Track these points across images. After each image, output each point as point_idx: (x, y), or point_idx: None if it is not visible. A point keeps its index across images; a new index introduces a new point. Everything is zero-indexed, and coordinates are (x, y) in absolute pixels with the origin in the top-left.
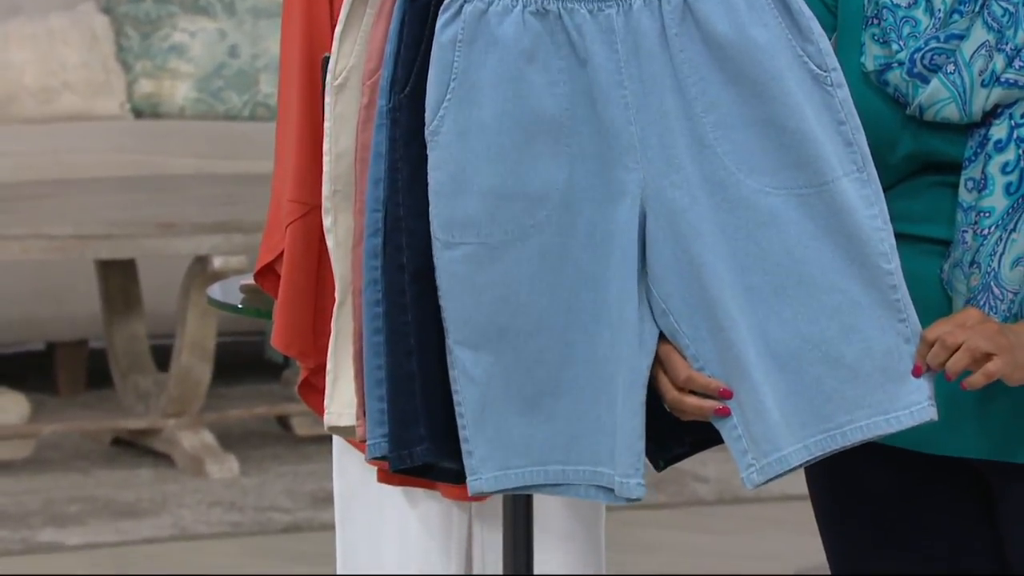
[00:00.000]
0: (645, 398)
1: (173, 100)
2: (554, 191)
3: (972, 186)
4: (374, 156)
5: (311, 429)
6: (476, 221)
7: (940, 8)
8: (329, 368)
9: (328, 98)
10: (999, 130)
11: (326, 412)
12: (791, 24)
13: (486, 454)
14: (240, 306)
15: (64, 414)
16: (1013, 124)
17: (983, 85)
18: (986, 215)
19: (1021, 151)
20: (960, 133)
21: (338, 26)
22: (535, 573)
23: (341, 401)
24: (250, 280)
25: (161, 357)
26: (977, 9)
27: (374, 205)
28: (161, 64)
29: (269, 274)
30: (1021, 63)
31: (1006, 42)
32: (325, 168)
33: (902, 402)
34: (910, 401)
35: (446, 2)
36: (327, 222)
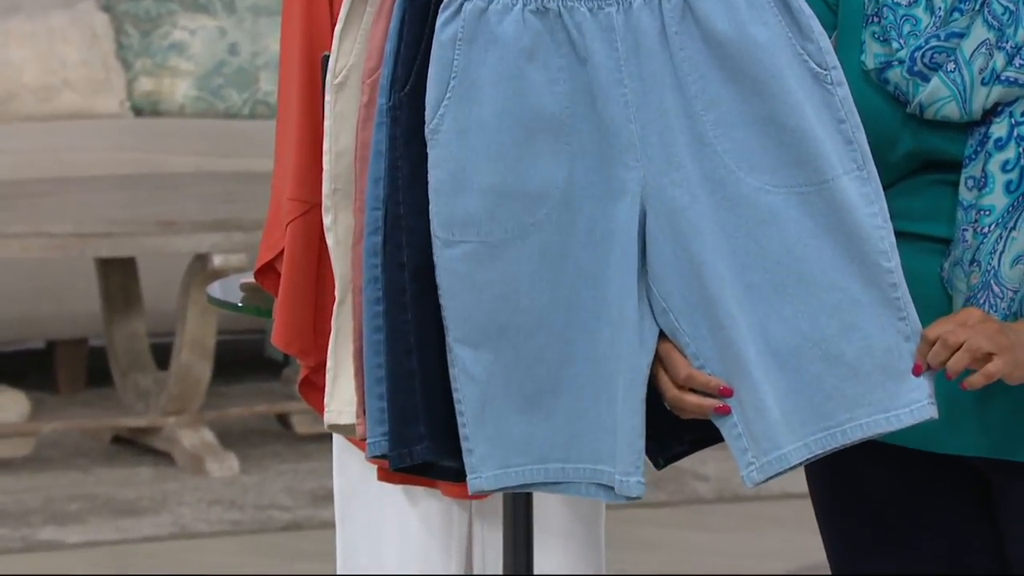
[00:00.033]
0: (645, 396)
1: (173, 98)
2: (554, 189)
3: (972, 184)
4: (374, 154)
5: (311, 427)
6: (476, 219)
7: (940, 6)
8: (329, 366)
9: (328, 96)
10: (999, 128)
11: (326, 410)
12: (791, 22)
13: (486, 452)
14: (240, 304)
15: (64, 412)
16: (1013, 122)
17: (983, 83)
18: (986, 213)
19: (1021, 149)
20: (960, 131)
21: (338, 24)
22: (535, 571)
23: (341, 399)
24: (250, 278)
25: (161, 355)
26: (977, 7)
27: (374, 203)
28: (161, 62)
29: (269, 272)
30: (1021, 61)
31: (1006, 40)
32: (325, 166)
33: (902, 400)
34: (910, 399)
35: (446, 0)
36: (327, 220)
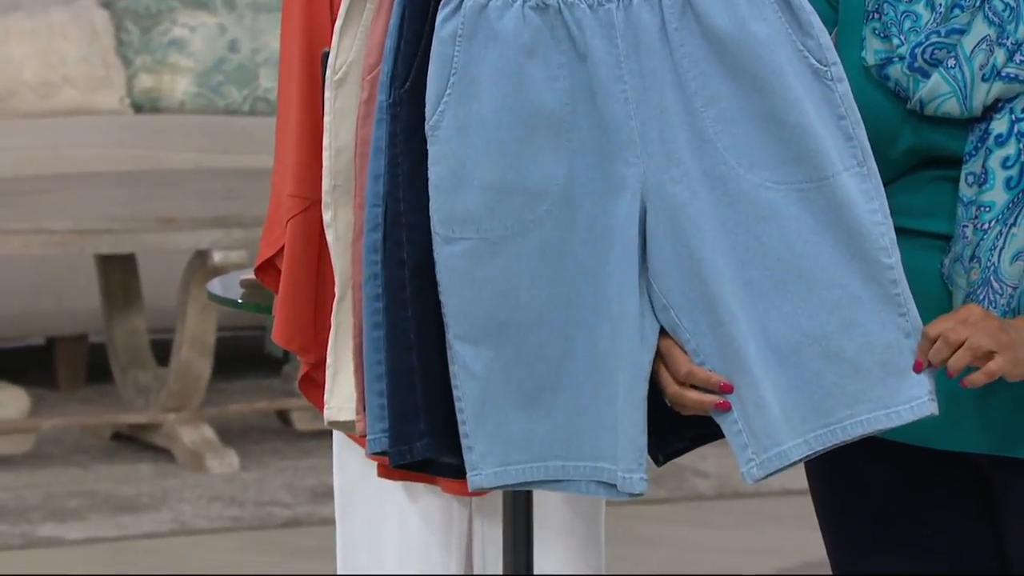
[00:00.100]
0: (647, 393)
1: (173, 95)
2: (554, 186)
3: (972, 181)
4: (374, 151)
5: (311, 424)
6: (476, 216)
7: (941, 3)
8: (329, 363)
9: (328, 93)
10: (1000, 124)
11: (326, 407)
12: (791, 18)
13: (486, 449)
14: (240, 301)
15: (64, 409)
16: (1014, 119)
17: (984, 79)
18: (986, 209)
19: (1022, 145)
20: (961, 128)
21: (338, 21)
22: (535, 568)
23: (341, 396)
24: (250, 275)
25: (161, 352)
26: (978, 4)
27: (374, 200)
28: (161, 59)
29: (269, 269)
30: (1022, 57)
31: (1007, 36)
32: (325, 163)
33: (902, 397)
34: (910, 396)
35: None
36: (327, 217)
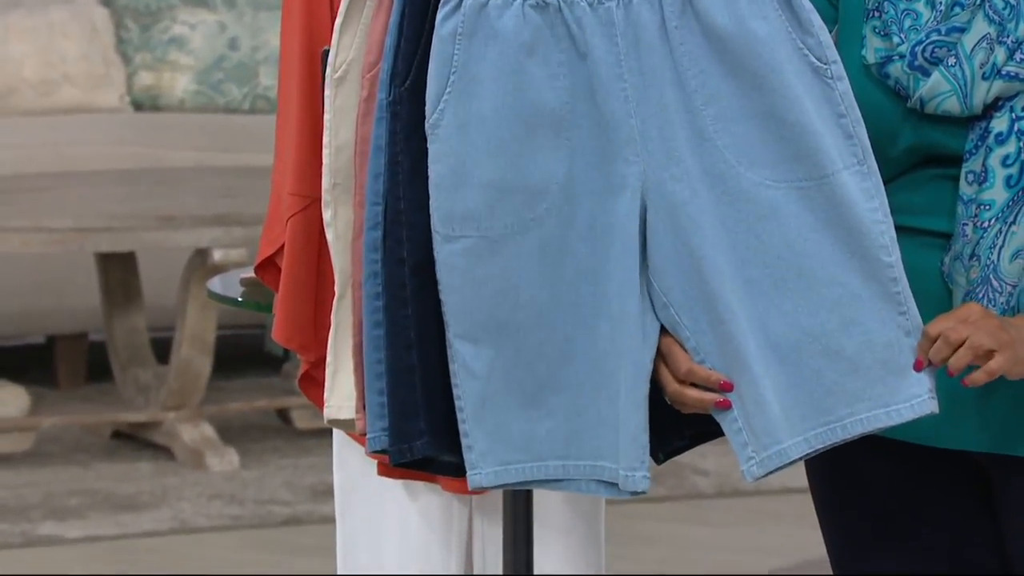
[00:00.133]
0: (648, 391)
1: (173, 93)
2: (554, 184)
3: (973, 179)
4: (374, 149)
5: (311, 422)
6: (476, 214)
7: (941, 1)
8: (329, 361)
9: (328, 91)
10: (1000, 123)
11: (326, 405)
12: (791, 17)
13: (486, 449)
14: (240, 299)
15: (64, 407)
16: (1014, 117)
17: (984, 78)
18: (986, 208)
19: (1022, 144)
20: (961, 126)
21: (338, 19)
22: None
23: (341, 394)
24: (250, 273)
25: (161, 350)
26: (978, 2)
27: (374, 198)
28: (161, 56)
29: (270, 267)
30: (1022, 56)
31: (1007, 35)
32: (325, 161)
33: (903, 395)
34: (911, 394)
35: None
36: (327, 215)
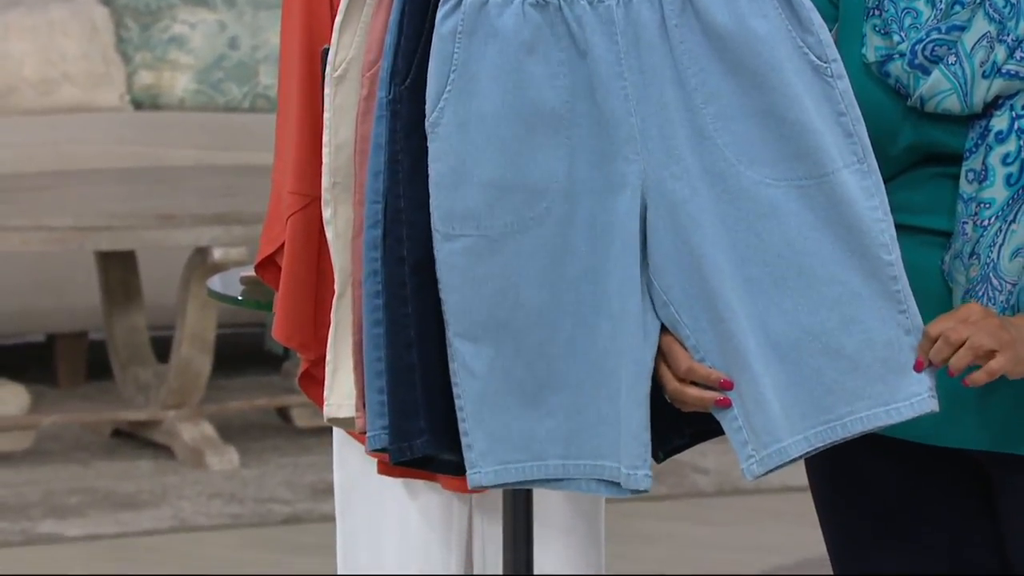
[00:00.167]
0: (650, 389)
1: (173, 91)
2: (554, 183)
3: (973, 177)
4: (374, 148)
5: (311, 421)
6: (476, 213)
7: None
8: (329, 359)
9: (328, 90)
10: (1000, 121)
11: (325, 403)
12: (791, 15)
13: (486, 448)
14: (240, 298)
15: (64, 406)
16: (1014, 115)
17: (984, 76)
18: (986, 206)
19: (1022, 142)
20: (961, 124)
21: (338, 17)
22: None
23: (341, 392)
24: (250, 272)
25: (161, 349)
26: (978, 0)
27: (374, 197)
28: (161, 55)
29: (270, 266)
30: (1022, 54)
31: (1007, 33)
32: (324, 160)
33: (902, 393)
34: (911, 392)
35: None
36: (327, 214)
